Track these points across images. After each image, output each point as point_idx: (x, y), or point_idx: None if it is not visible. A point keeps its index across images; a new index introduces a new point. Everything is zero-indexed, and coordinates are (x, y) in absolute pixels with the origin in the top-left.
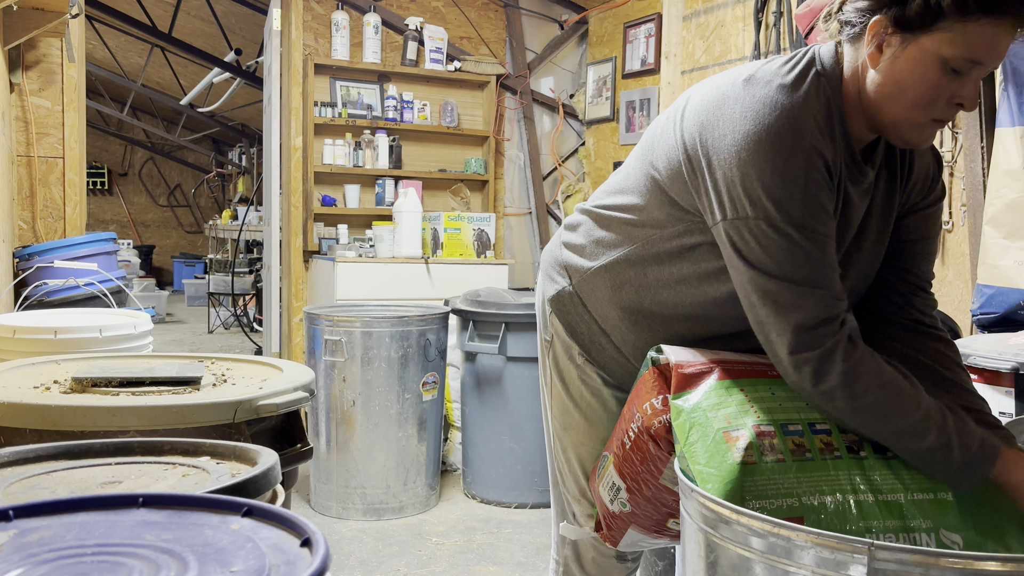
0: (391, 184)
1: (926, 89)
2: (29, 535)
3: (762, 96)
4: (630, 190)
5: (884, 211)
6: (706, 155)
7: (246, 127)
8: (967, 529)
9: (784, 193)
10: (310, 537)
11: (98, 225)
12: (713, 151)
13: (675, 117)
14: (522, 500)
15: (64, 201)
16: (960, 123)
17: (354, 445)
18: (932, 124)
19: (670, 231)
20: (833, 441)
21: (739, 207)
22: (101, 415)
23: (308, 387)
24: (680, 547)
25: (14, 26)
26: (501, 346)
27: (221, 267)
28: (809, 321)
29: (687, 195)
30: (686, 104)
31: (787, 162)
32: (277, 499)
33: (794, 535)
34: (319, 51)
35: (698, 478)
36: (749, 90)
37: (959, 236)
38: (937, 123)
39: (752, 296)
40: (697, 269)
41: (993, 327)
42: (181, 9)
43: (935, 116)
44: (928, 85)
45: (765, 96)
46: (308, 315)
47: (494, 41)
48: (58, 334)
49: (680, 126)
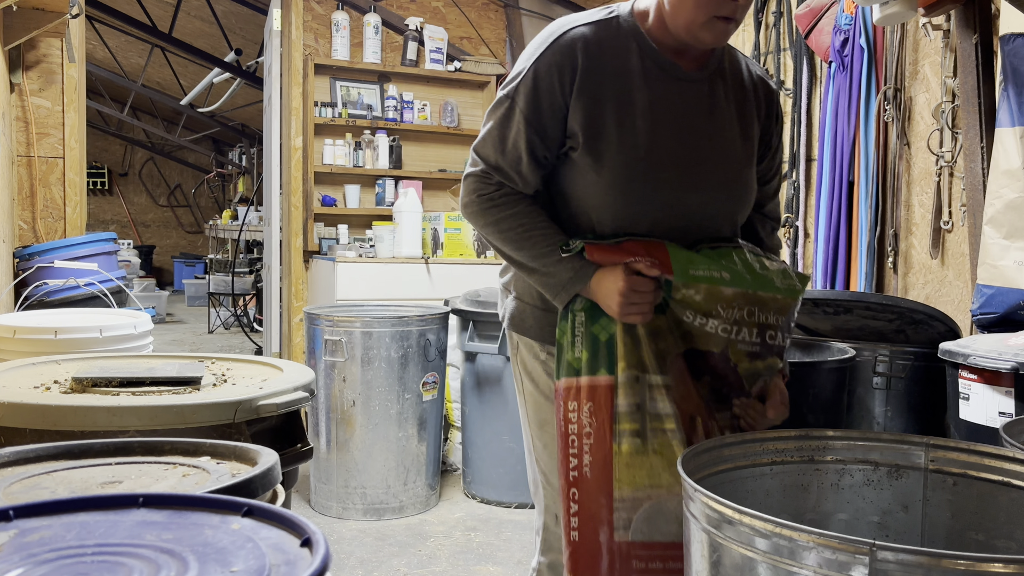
0: (391, 184)
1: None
2: (29, 535)
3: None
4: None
5: (738, 117)
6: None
7: (246, 127)
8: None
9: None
10: (310, 537)
11: (98, 225)
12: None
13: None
14: (522, 500)
15: (64, 201)
16: (960, 123)
17: (354, 445)
18: (718, 21)
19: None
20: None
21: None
22: (101, 415)
23: (308, 387)
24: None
25: (14, 26)
26: (501, 346)
27: (221, 267)
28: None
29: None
30: None
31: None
32: (277, 499)
33: (798, 535)
34: (319, 51)
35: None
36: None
37: (959, 236)
38: (722, 20)
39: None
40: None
41: (993, 327)
42: (181, 9)
43: (716, 13)
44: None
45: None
46: (308, 315)
47: (494, 41)
48: (58, 334)
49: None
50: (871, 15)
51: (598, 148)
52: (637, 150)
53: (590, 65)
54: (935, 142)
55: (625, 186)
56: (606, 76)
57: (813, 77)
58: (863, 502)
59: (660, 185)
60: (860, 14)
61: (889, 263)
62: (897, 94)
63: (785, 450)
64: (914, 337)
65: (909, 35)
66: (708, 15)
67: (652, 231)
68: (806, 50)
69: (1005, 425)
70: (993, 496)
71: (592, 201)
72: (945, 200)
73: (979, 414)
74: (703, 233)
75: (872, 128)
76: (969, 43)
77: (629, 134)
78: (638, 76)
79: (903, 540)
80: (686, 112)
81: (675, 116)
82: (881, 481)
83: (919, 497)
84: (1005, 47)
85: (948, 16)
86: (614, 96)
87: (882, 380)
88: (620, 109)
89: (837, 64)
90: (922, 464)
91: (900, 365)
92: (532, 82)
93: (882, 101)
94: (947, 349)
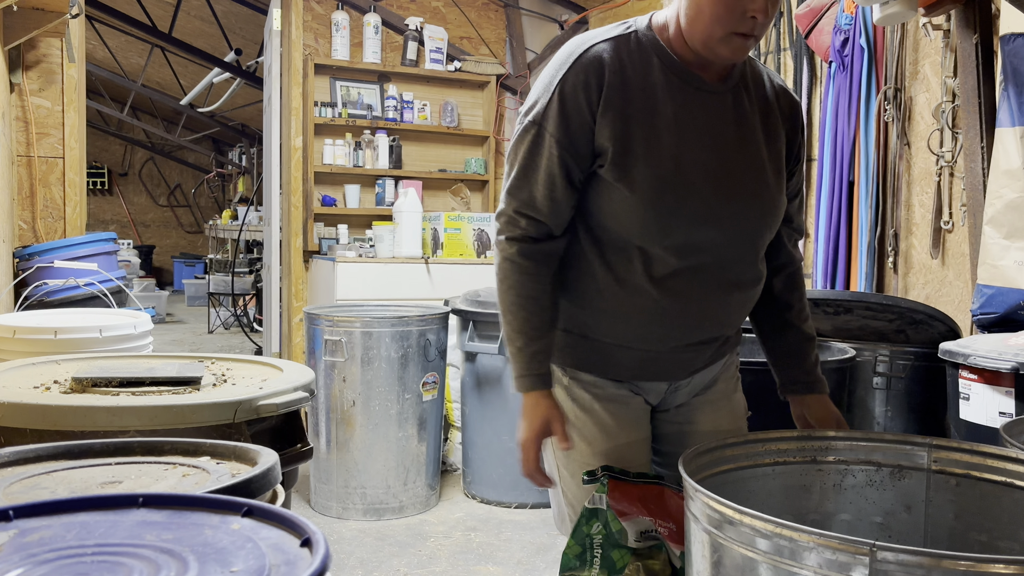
0: (391, 184)
1: (718, 6)
2: (29, 535)
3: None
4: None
5: (763, 128)
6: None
7: (246, 127)
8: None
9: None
10: (310, 537)
11: (98, 225)
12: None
13: None
14: (522, 500)
15: (64, 201)
16: (960, 123)
17: (354, 445)
18: (736, 37)
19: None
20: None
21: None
22: (101, 415)
23: (308, 387)
24: (684, 548)
25: (14, 26)
26: (501, 346)
27: (221, 267)
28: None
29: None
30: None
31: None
32: (277, 499)
33: (798, 536)
34: (319, 51)
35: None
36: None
37: (959, 236)
38: (740, 36)
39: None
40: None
41: (993, 327)
42: (181, 9)
43: (734, 29)
44: (719, 3)
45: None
46: (308, 315)
47: (494, 41)
48: (58, 334)
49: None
50: (871, 15)
51: (626, 163)
52: (666, 163)
53: (614, 81)
54: (935, 142)
55: (656, 200)
56: (630, 91)
57: (813, 77)
58: (865, 503)
59: (691, 196)
60: (860, 14)
61: (889, 263)
62: (897, 94)
63: (787, 450)
64: (914, 337)
65: (909, 35)
66: (726, 31)
67: (686, 243)
68: (806, 50)
69: (1005, 425)
70: (996, 497)
71: (623, 217)
72: (945, 200)
73: (979, 414)
74: (737, 246)
75: (872, 128)
76: (969, 43)
77: (656, 147)
78: (662, 89)
79: (906, 541)
80: (711, 123)
81: (701, 127)
82: (884, 482)
83: (922, 498)
84: (1005, 47)
85: (948, 16)
86: (639, 111)
87: (882, 380)
88: (646, 123)
89: (837, 64)
90: (925, 465)
91: (900, 365)
92: (559, 104)
93: (882, 101)
94: (947, 349)
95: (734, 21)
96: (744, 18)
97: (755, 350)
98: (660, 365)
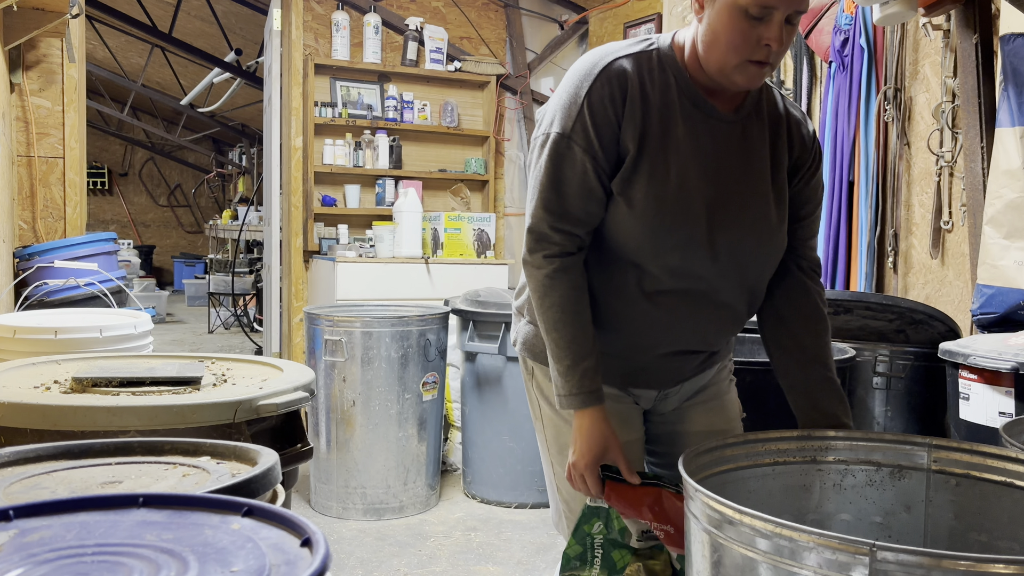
0: (391, 184)
1: (734, 34)
2: (29, 535)
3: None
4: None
5: (771, 159)
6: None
7: (246, 127)
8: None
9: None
10: (310, 537)
11: (98, 225)
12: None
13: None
14: (522, 500)
15: (64, 201)
16: (960, 123)
17: (354, 445)
18: (751, 65)
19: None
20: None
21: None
22: (101, 415)
23: (308, 387)
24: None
25: (14, 26)
26: (501, 346)
27: (221, 267)
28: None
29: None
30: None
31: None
32: (277, 499)
33: (798, 535)
34: (319, 51)
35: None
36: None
37: (959, 236)
38: (755, 64)
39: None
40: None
41: (993, 327)
42: (181, 9)
43: (749, 57)
44: (735, 31)
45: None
46: (308, 315)
47: (494, 41)
48: (58, 334)
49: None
50: (871, 15)
51: (632, 179)
52: (667, 184)
53: (635, 96)
54: (935, 142)
55: (652, 219)
56: (648, 108)
57: (813, 77)
58: (865, 503)
59: (687, 221)
60: (860, 14)
61: (889, 263)
62: (897, 94)
63: (787, 450)
64: (914, 337)
65: (909, 35)
66: (741, 58)
67: (680, 266)
68: (806, 50)
69: (1005, 425)
70: (996, 497)
71: (620, 231)
72: (945, 200)
73: (979, 414)
74: (731, 275)
75: (872, 128)
76: (969, 43)
77: (661, 168)
78: (676, 111)
79: (906, 541)
80: (718, 152)
81: (707, 154)
82: (884, 482)
83: (922, 498)
84: (1005, 47)
85: (948, 16)
86: (653, 129)
87: (882, 380)
88: (657, 142)
89: (837, 64)
90: (925, 465)
91: (900, 365)
92: (589, 115)
93: (882, 101)
94: (947, 349)
95: (749, 49)
96: (759, 46)
97: (755, 350)
98: (649, 374)
